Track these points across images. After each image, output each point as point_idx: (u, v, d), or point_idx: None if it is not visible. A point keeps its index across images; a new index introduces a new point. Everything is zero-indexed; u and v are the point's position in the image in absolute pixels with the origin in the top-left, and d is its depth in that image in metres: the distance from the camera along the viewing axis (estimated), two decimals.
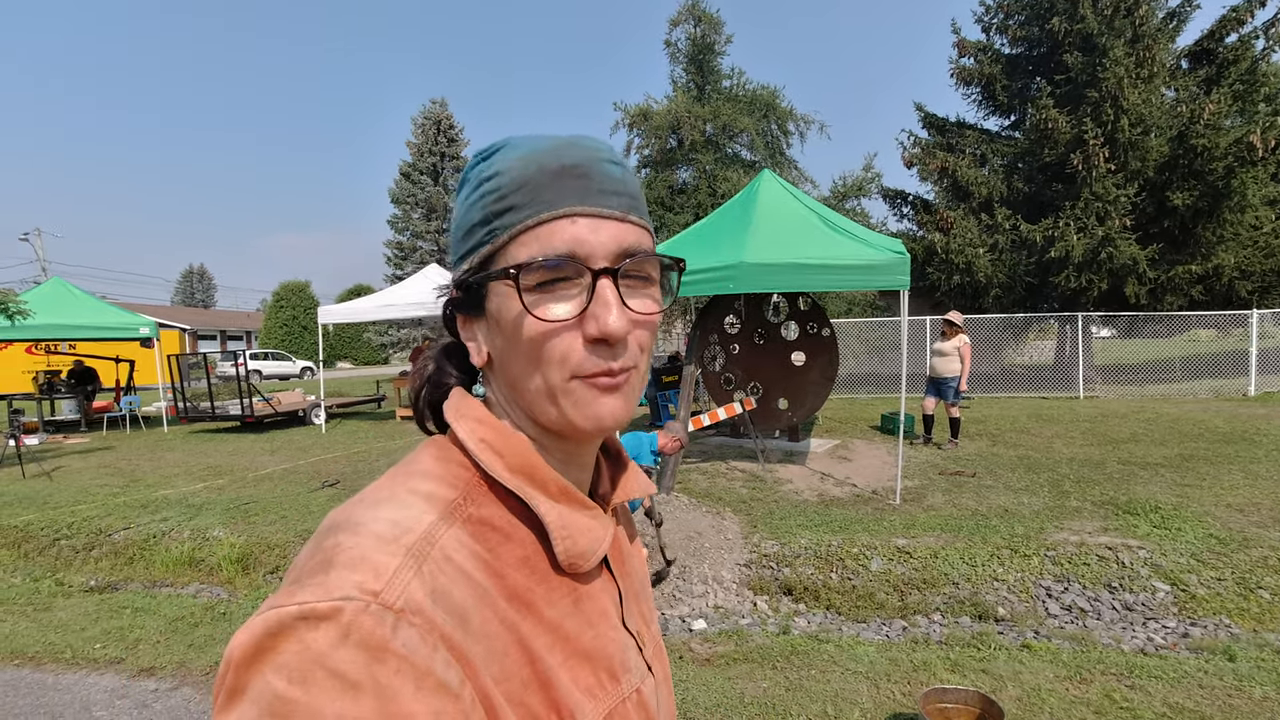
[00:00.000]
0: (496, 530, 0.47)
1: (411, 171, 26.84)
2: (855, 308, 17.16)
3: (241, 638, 0.37)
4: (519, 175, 0.47)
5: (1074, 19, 12.65)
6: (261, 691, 0.35)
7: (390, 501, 0.45)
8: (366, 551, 0.40)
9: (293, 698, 0.34)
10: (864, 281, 5.40)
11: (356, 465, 7.77)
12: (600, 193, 0.47)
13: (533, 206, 0.46)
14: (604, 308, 0.45)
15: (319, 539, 0.42)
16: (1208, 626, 3.74)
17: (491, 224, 0.47)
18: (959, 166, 13.77)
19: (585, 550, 0.49)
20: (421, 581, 0.40)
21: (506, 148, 0.49)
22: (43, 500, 6.63)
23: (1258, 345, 11.24)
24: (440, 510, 0.45)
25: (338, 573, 0.38)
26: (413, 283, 11.54)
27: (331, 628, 0.36)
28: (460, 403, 0.52)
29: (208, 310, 57.13)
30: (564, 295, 0.46)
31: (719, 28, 18.89)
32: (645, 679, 0.53)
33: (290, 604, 0.37)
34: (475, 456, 0.49)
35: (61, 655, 3.59)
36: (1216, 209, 11.54)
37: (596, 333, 0.45)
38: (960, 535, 4.66)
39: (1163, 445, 7.18)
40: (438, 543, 0.43)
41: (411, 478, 0.48)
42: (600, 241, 0.46)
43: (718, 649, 3.49)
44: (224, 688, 0.37)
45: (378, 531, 0.41)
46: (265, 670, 0.35)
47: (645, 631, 0.58)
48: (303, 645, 0.35)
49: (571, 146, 0.48)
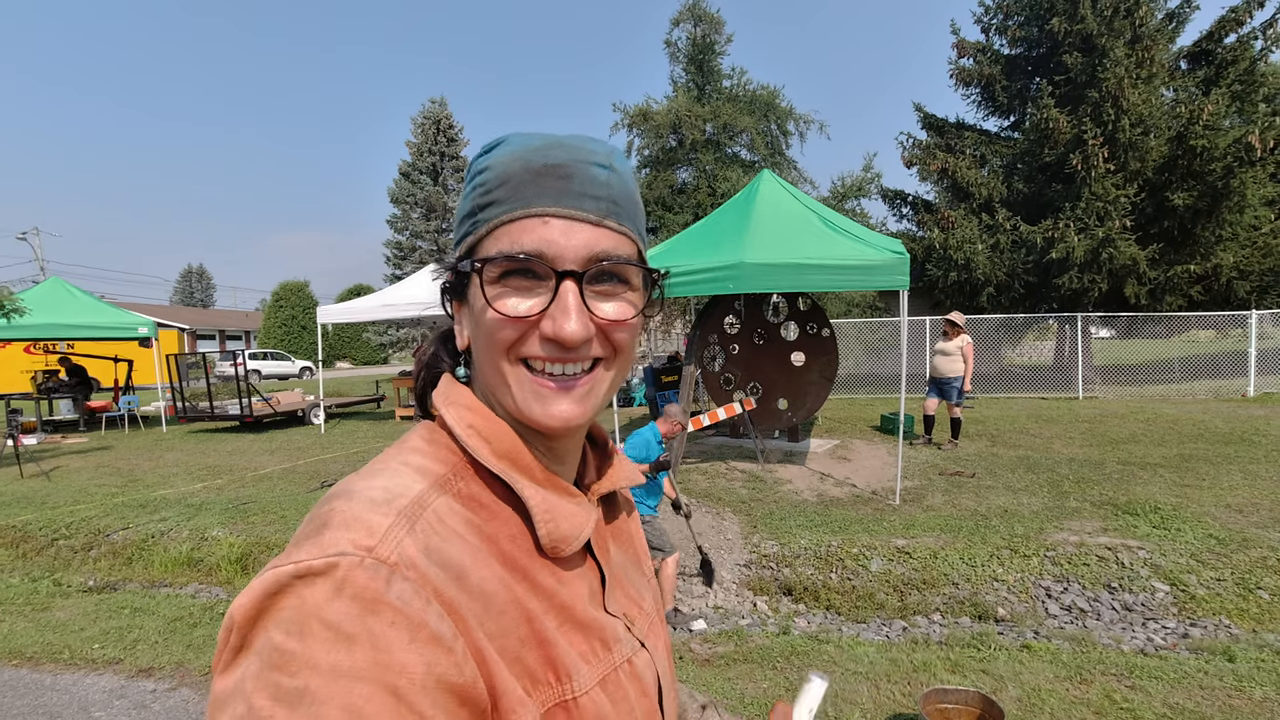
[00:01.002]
0: (485, 507, 0.49)
1: (411, 171, 26.83)
2: (855, 308, 17.16)
3: (243, 600, 0.38)
4: (504, 171, 0.49)
5: (1074, 19, 12.66)
6: (263, 645, 0.36)
7: (384, 473, 0.46)
8: (359, 512, 0.41)
9: (290, 649, 0.36)
10: (863, 281, 5.39)
11: (356, 465, 7.74)
12: (579, 195, 0.48)
13: (509, 203, 0.48)
14: (562, 311, 0.47)
15: (316, 508, 0.44)
16: (1207, 627, 3.74)
17: (475, 216, 0.50)
18: (958, 167, 13.77)
19: (568, 534, 0.50)
20: (414, 539, 0.41)
21: (504, 144, 0.51)
22: (41, 500, 6.61)
23: (1256, 346, 11.24)
24: (431, 481, 0.47)
25: (332, 532, 0.40)
26: (412, 282, 11.52)
27: (326, 582, 0.37)
28: (449, 390, 0.54)
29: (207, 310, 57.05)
30: (527, 292, 0.47)
31: (719, 27, 18.89)
32: (638, 653, 0.55)
33: (287, 564, 0.38)
34: (462, 441, 0.50)
35: (60, 655, 3.58)
36: (1216, 209, 11.54)
37: (551, 334, 0.47)
38: (960, 535, 4.66)
39: (1162, 446, 7.19)
40: (429, 506, 0.44)
41: (403, 453, 0.50)
42: (571, 245, 0.47)
43: (717, 649, 3.49)
44: (227, 647, 0.38)
45: (370, 496, 0.43)
46: (267, 625, 0.37)
47: (634, 610, 0.58)
48: (299, 600, 0.37)
49: (559, 146, 0.49)
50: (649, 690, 0.54)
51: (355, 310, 11.03)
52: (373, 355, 37.74)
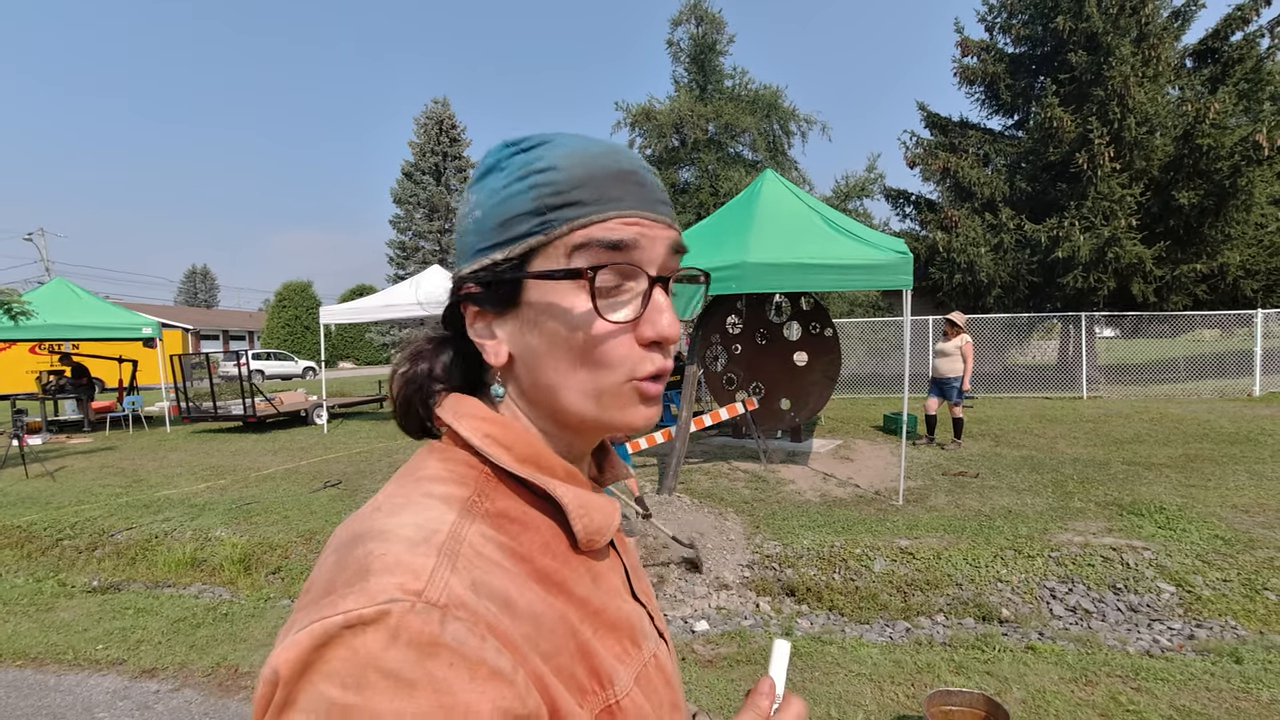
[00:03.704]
0: (514, 521, 0.48)
1: (414, 171, 26.90)
2: (858, 308, 17.14)
3: (287, 654, 0.36)
4: (580, 172, 0.47)
5: (1079, 18, 12.61)
6: (315, 701, 0.35)
7: (409, 507, 0.45)
8: (401, 555, 0.40)
9: (349, 703, 0.34)
10: (867, 281, 5.38)
11: (359, 465, 7.77)
12: (656, 201, 0.49)
13: (599, 204, 0.46)
14: (661, 313, 0.47)
15: (344, 550, 0.42)
16: (1213, 628, 3.71)
17: (545, 215, 0.46)
18: (961, 167, 13.74)
19: (601, 526, 0.51)
20: (459, 577, 0.40)
21: (551, 143, 0.49)
22: (45, 500, 6.64)
23: (1262, 345, 11.17)
24: (459, 509, 0.45)
25: (377, 579, 0.38)
26: (415, 282, 11.54)
27: (380, 630, 0.36)
28: (457, 405, 0.52)
29: (210, 310, 57.25)
30: (621, 298, 0.47)
31: (721, 27, 18.89)
32: (659, 645, 0.56)
33: (334, 614, 0.37)
34: (483, 451, 0.49)
35: (63, 656, 3.59)
36: (1222, 208, 11.49)
37: (654, 336, 0.47)
38: (964, 536, 4.64)
39: (1167, 446, 7.15)
40: (465, 539, 0.43)
41: (422, 482, 0.48)
42: (658, 249, 0.48)
43: (720, 650, 3.48)
44: (271, 705, 0.36)
45: (406, 535, 0.42)
46: (316, 680, 0.35)
47: (650, 604, 0.60)
48: (351, 651, 0.35)
49: (622, 153, 0.49)
50: (671, 680, 0.55)
51: (358, 310, 11.05)
52: (375, 355, 37.83)
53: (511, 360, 0.50)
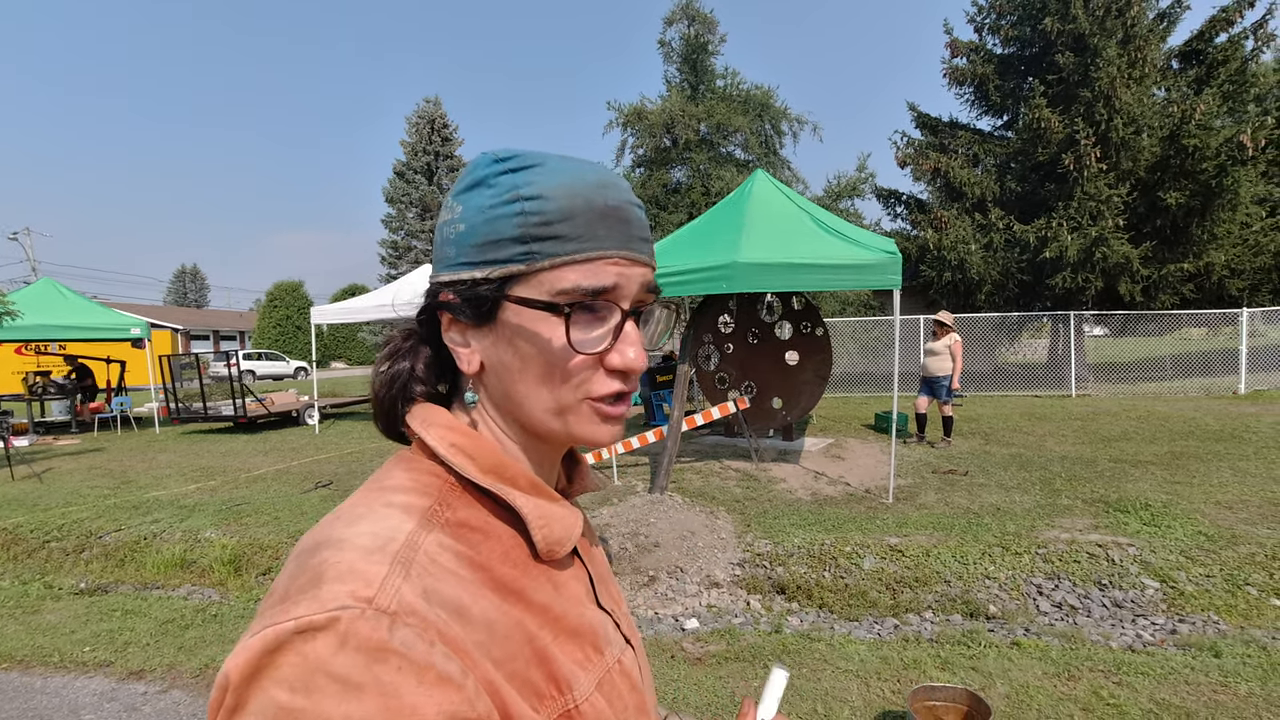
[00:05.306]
0: (475, 530, 0.49)
1: (406, 170, 26.76)
2: (849, 307, 17.21)
3: (237, 659, 0.37)
4: (567, 205, 0.48)
5: (1066, 19, 12.71)
6: (265, 705, 0.36)
7: (367, 517, 0.46)
8: (355, 563, 0.41)
9: (297, 706, 0.35)
10: (856, 281, 5.41)
11: (350, 466, 7.74)
12: (638, 240, 0.51)
13: (582, 241, 0.48)
14: (630, 345, 0.50)
15: (302, 558, 0.43)
16: (1195, 623, 3.76)
17: (529, 245, 0.47)
18: (951, 167, 13.82)
19: (561, 537, 0.52)
20: (411, 584, 0.41)
21: (543, 168, 0.49)
22: (32, 502, 6.58)
23: (1247, 343, 11.32)
24: (418, 518, 0.46)
25: (329, 586, 0.39)
26: (407, 282, 11.51)
27: (329, 636, 0.37)
28: (426, 413, 0.53)
29: (201, 310, 56.80)
30: (593, 328, 0.49)
31: (713, 27, 18.92)
32: (625, 650, 0.56)
33: (285, 620, 0.37)
34: (447, 461, 0.50)
35: (50, 658, 3.56)
36: (1208, 208, 11.61)
37: (621, 365, 0.50)
38: (952, 533, 4.68)
39: (1153, 443, 7.23)
40: (421, 547, 0.44)
41: (384, 492, 0.49)
42: (632, 286, 0.50)
43: (709, 648, 3.50)
44: (221, 708, 0.37)
45: (361, 544, 0.42)
46: (266, 685, 0.36)
47: (617, 610, 0.61)
48: (301, 656, 0.36)
49: (611, 187, 0.51)
50: (638, 684, 0.56)
51: (350, 310, 11.01)
52: (367, 355, 37.63)
53: (483, 369, 0.52)
